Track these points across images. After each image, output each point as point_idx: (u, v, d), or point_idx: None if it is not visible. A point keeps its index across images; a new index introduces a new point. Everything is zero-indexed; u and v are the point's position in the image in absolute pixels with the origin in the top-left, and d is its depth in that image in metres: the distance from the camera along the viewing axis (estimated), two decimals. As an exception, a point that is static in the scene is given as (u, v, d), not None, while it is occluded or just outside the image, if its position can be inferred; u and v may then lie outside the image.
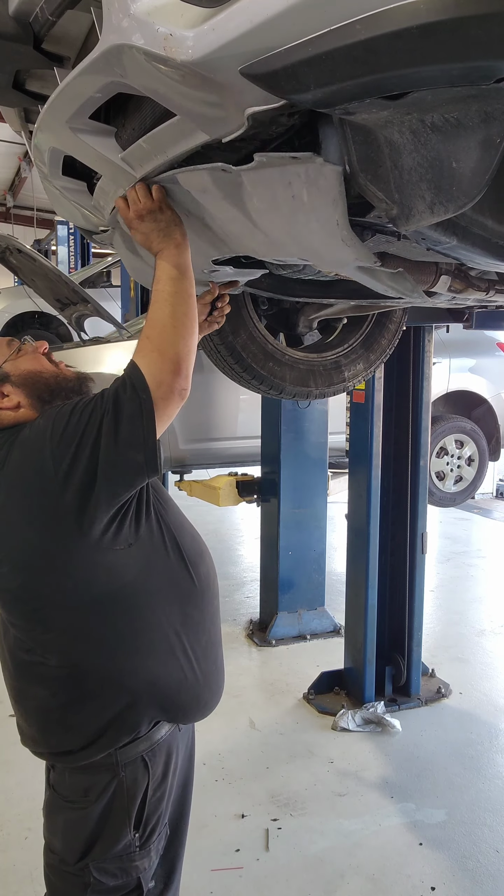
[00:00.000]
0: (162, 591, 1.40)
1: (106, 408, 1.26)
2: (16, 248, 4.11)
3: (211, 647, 1.48)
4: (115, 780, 1.38)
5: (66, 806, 1.41)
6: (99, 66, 0.99)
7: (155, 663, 1.38)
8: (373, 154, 0.92)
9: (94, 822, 1.38)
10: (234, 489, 4.39)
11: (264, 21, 0.75)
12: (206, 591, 1.48)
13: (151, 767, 1.41)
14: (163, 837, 1.48)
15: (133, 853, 1.40)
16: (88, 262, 10.24)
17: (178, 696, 1.42)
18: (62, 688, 1.37)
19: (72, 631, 1.35)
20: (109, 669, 1.36)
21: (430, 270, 1.64)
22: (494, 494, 8.63)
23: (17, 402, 1.39)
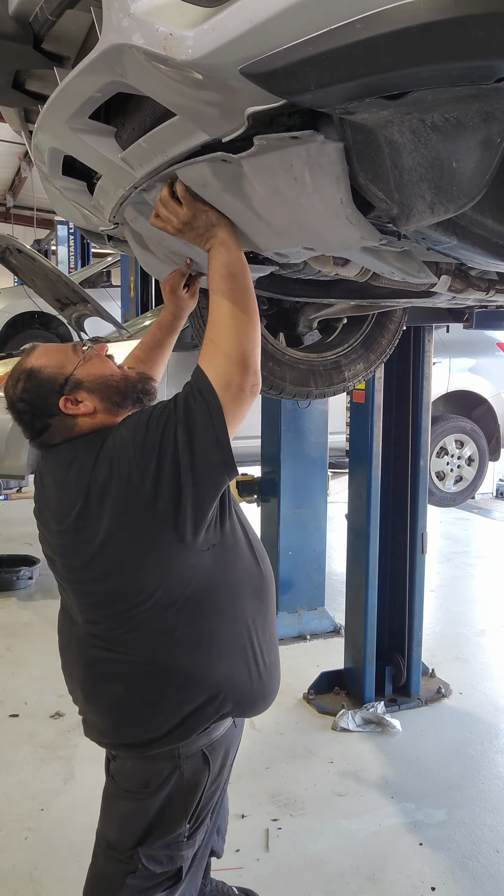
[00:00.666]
0: (242, 588, 1.45)
1: (178, 418, 1.29)
2: (16, 248, 4.11)
3: (273, 639, 1.53)
4: (176, 772, 1.41)
5: (126, 795, 1.45)
6: (99, 66, 0.99)
7: (232, 658, 1.43)
8: (373, 154, 0.91)
9: (153, 814, 1.41)
10: (234, 489, 4.39)
11: (264, 21, 0.75)
12: (271, 586, 1.54)
13: (211, 761, 1.45)
14: (205, 828, 1.52)
15: (182, 843, 1.45)
16: (88, 262, 10.24)
17: (250, 689, 1.47)
18: (143, 684, 1.40)
19: (159, 631, 1.38)
20: (193, 667, 1.40)
21: (429, 270, 1.64)
22: (494, 494, 8.62)
23: (92, 407, 1.42)
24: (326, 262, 1.55)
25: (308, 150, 0.93)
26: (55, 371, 1.43)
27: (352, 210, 0.97)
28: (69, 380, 1.42)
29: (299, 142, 0.92)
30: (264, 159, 1.00)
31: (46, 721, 3.20)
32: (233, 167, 1.06)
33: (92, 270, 7.57)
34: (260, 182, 1.06)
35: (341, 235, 1.05)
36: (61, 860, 2.36)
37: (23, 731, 3.10)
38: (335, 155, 0.92)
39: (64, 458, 1.42)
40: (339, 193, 0.96)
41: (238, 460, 1.30)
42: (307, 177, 0.97)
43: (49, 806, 2.64)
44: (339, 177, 0.94)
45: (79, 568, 1.42)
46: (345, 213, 0.98)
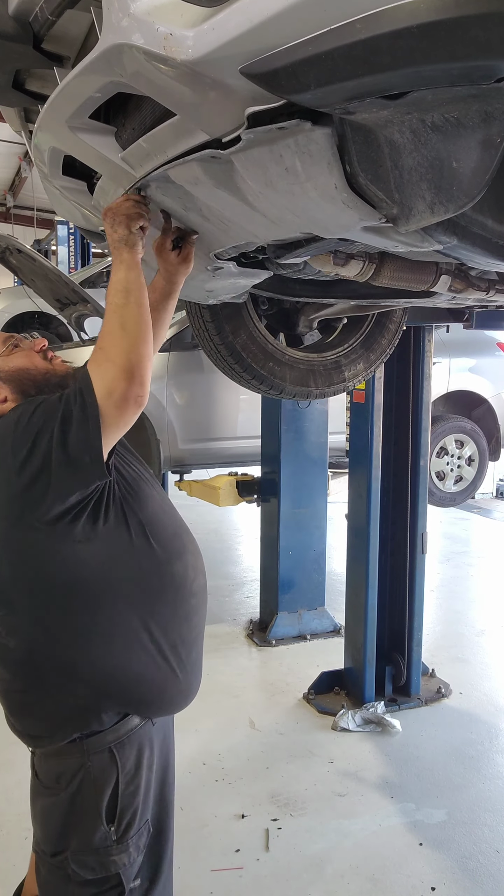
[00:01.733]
0: (125, 587, 1.43)
1: (58, 414, 1.33)
2: (16, 248, 4.11)
3: (182, 644, 1.50)
4: (83, 769, 1.41)
5: (44, 791, 1.47)
6: (99, 66, 0.99)
7: (114, 657, 1.42)
8: (373, 154, 0.91)
9: (65, 810, 1.42)
10: (234, 489, 4.39)
11: (264, 20, 0.75)
12: (181, 589, 1.51)
13: (120, 760, 1.44)
14: (143, 834, 1.49)
15: (109, 847, 1.43)
16: (88, 262, 10.24)
17: (138, 690, 1.45)
18: (21, 671, 1.43)
19: (33, 617, 1.40)
20: (66, 659, 1.40)
21: (430, 270, 1.64)
22: (494, 494, 8.63)
23: (3, 396, 1.47)
24: (326, 261, 1.55)
25: (296, 140, 0.93)
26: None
27: (347, 194, 0.96)
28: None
29: (286, 132, 0.92)
30: (253, 153, 0.99)
31: (46, 721, 3.20)
32: (223, 163, 1.06)
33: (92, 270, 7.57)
34: (251, 176, 1.05)
35: (340, 219, 1.04)
36: (61, 860, 2.36)
37: (23, 731, 3.13)
38: (324, 141, 0.91)
39: None
40: (333, 179, 0.95)
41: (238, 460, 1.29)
42: (298, 166, 0.97)
43: (49, 806, 2.64)
44: (331, 162, 0.93)
45: None
46: (340, 198, 0.97)
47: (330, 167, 0.93)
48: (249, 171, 1.04)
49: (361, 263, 1.58)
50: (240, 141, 0.96)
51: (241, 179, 1.08)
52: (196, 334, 2.46)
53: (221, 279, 1.72)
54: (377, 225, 1.01)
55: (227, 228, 1.34)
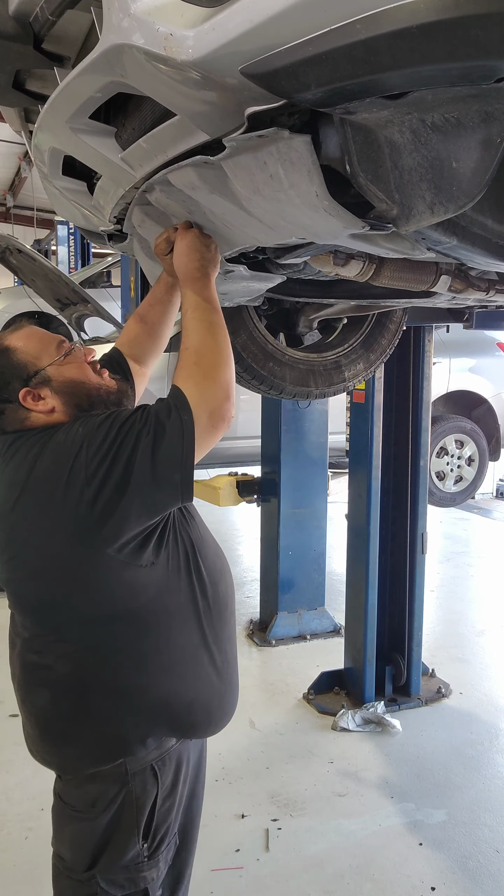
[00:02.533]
0: (179, 611, 1.37)
1: (146, 427, 1.24)
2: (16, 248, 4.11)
3: (227, 665, 1.45)
4: (124, 790, 1.35)
5: (74, 816, 1.38)
6: (99, 66, 0.99)
7: (168, 683, 1.36)
8: (373, 154, 0.91)
9: (102, 833, 1.35)
10: (234, 489, 4.39)
11: (264, 20, 0.75)
12: (224, 611, 1.46)
13: (161, 777, 1.38)
14: (171, 847, 1.45)
15: (141, 863, 1.38)
16: (88, 262, 10.24)
17: (189, 715, 1.40)
18: (66, 696, 1.34)
19: (86, 644, 1.32)
20: (119, 686, 1.33)
21: (430, 271, 1.64)
22: (494, 494, 8.63)
23: (52, 406, 1.37)
24: (326, 262, 1.55)
25: (277, 147, 0.93)
26: (29, 358, 1.37)
27: (328, 202, 0.96)
28: (39, 373, 1.36)
29: (267, 140, 0.92)
30: (240, 160, 1.00)
31: (46, 721, 3.20)
32: (216, 169, 1.06)
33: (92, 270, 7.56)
34: (240, 182, 1.06)
35: (325, 227, 1.05)
36: (61, 860, 2.36)
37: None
38: (303, 149, 0.91)
39: (10, 450, 1.36)
40: (314, 187, 0.95)
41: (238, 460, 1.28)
42: (281, 173, 0.97)
43: (49, 806, 2.63)
44: (311, 170, 0.93)
45: (9, 567, 1.36)
46: (322, 206, 0.97)
47: (310, 175, 0.94)
48: (238, 176, 1.05)
49: (361, 263, 1.58)
50: (226, 148, 0.97)
51: (233, 185, 1.09)
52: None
53: (234, 282, 1.72)
54: (362, 233, 1.02)
55: (230, 232, 1.34)
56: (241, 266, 1.60)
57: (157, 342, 1.72)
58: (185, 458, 1.23)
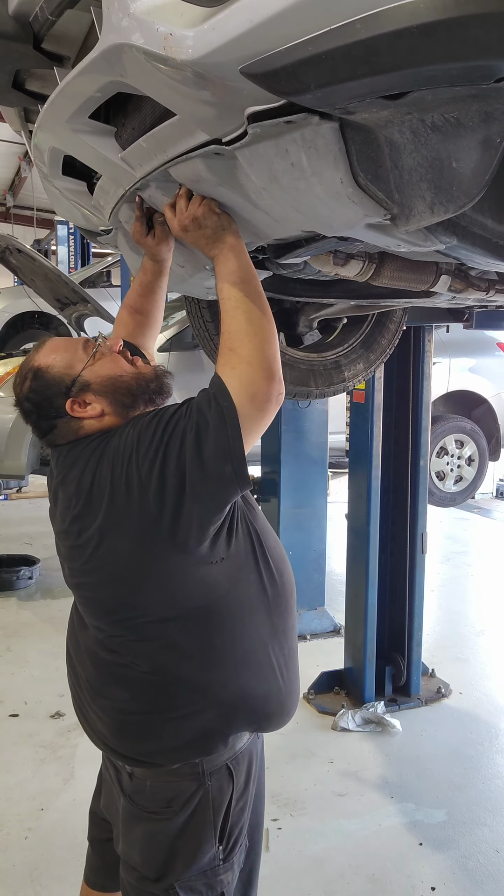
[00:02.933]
0: (253, 602, 1.37)
1: (190, 422, 1.22)
2: (16, 248, 4.11)
3: (292, 654, 1.45)
4: (202, 789, 1.33)
5: (147, 817, 1.36)
6: (99, 66, 0.99)
7: (245, 675, 1.35)
8: (373, 154, 0.91)
9: (176, 835, 1.33)
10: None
11: (264, 20, 0.75)
12: (291, 598, 1.46)
13: (235, 776, 1.37)
14: (243, 849, 1.42)
15: (217, 867, 1.35)
16: (88, 262, 10.24)
17: (265, 707, 1.39)
18: (147, 693, 1.34)
19: (165, 642, 1.32)
20: (200, 681, 1.33)
21: (430, 270, 1.64)
22: (494, 494, 8.62)
23: (100, 409, 1.36)
24: (326, 261, 1.55)
25: (303, 134, 0.92)
26: (63, 371, 1.36)
27: (353, 189, 0.95)
28: (76, 381, 1.35)
29: (294, 126, 0.91)
30: (258, 148, 0.99)
31: (46, 721, 3.20)
32: (226, 160, 1.05)
33: (92, 270, 7.56)
34: (256, 171, 1.05)
35: (344, 216, 1.04)
36: (61, 860, 2.36)
37: (23, 731, 3.09)
38: (331, 135, 0.91)
39: (69, 459, 1.37)
40: (339, 173, 0.94)
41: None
42: (304, 161, 0.96)
43: (49, 806, 2.64)
44: (337, 157, 0.92)
45: (80, 572, 1.37)
46: (346, 193, 0.97)
47: (336, 162, 0.93)
48: (254, 166, 1.04)
49: (361, 263, 1.58)
50: (245, 136, 0.96)
51: (245, 176, 1.08)
52: (196, 334, 2.46)
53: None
54: (380, 222, 1.01)
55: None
56: None
57: (154, 327, 1.70)
58: (232, 447, 1.20)
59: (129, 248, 1.69)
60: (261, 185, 1.08)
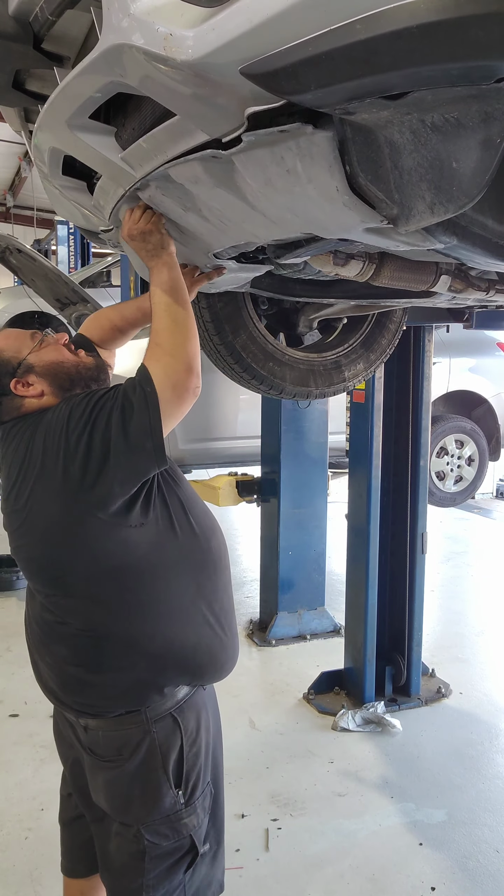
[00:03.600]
0: (176, 564, 1.49)
1: (116, 403, 1.38)
2: (16, 248, 4.11)
3: (224, 613, 1.57)
4: (148, 737, 1.45)
5: (104, 765, 1.49)
6: (99, 66, 0.99)
7: (171, 629, 1.47)
8: (373, 154, 0.91)
9: (132, 779, 1.45)
10: (234, 489, 4.39)
11: (264, 21, 0.75)
12: (219, 562, 1.58)
13: (182, 724, 1.48)
14: (207, 795, 1.54)
15: (180, 811, 1.47)
16: (88, 262, 10.23)
17: (195, 658, 1.50)
18: (82, 648, 1.47)
19: (91, 598, 1.45)
20: (127, 634, 1.45)
21: (430, 270, 1.64)
22: (494, 494, 8.63)
23: (40, 390, 1.52)
24: (326, 262, 1.55)
25: (297, 143, 0.92)
26: (11, 354, 1.53)
27: (348, 196, 0.96)
28: (22, 363, 1.52)
29: (288, 135, 0.91)
30: (254, 154, 0.99)
31: (46, 721, 3.19)
32: (224, 163, 1.06)
33: (92, 270, 7.56)
34: (252, 176, 1.05)
35: (341, 220, 1.04)
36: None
37: (23, 731, 3.09)
38: (325, 144, 0.91)
39: (11, 434, 1.53)
40: (334, 181, 0.95)
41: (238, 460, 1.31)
42: (299, 168, 0.97)
43: (49, 806, 2.64)
44: (332, 165, 0.93)
45: (17, 535, 1.50)
46: (341, 200, 0.97)
47: (331, 169, 0.93)
48: (250, 171, 1.04)
49: (361, 263, 1.58)
50: (241, 142, 0.96)
51: (242, 179, 1.08)
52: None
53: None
54: (378, 226, 1.01)
55: (227, 228, 1.34)
56: (231, 262, 1.60)
57: (126, 338, 1.85)
58: (153, 427, 1.37)
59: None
60: (258, 189, 1.08)
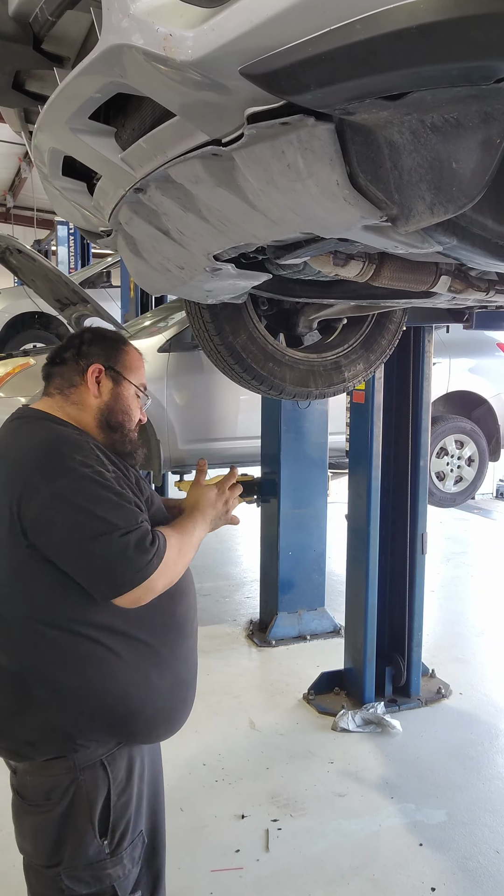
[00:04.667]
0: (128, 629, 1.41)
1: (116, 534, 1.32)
2: (16, 248, 4.11)
3: (177, 685, 1.48)
4: (74, 784, 1.39)
5: (31, 810, 1.43)
6: (98, 67, 0.99)
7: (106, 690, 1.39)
8: (373, 154, 0.91)
9: (58, 826, 1.39)
10: (234, 489, 4.38)
11: (264, 21, 0.75)
12: (182, 629, 1.50)
13: (112, 772, 1.42)
14: (138, 846, 1.48)
15: (104, 860, 1.41)
16: (88, 262, 10.24)
17: (125, 724, 1.42)
18: (9, 688, 1.40)
19: (27, 639, 1.38)
20: (57, 683, 1.38)
21: (429, 271, 1.64)
22: (494, 494, 8.63)
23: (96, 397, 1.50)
24: (326, 262, 1.55)
25: (299, 136, 0.92)
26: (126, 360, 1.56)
27: (349, 190, 0.96)
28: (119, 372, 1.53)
29: (289, 127, 0.91)
30: (255, 149, 0.99)
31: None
32: (224, 161, 1.05)
33: (92, 270, 7.57)
34: (252, 173, 1.05)
35: (340, 217, 1.04)
36: (61, 861, 2.36)
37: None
38: (327, 137, 0.91)
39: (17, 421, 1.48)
40: (335, 175, 0.95)
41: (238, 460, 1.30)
42: (300, 162, 0.96)
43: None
44: (333, 158, 0.93)
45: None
46: (342, 195, 0.97)
47: (332, 163, 0.93)
48: (251, 167, 1.04)
49: (361, 264, 1.58)
50: (242, 137, 0.96)
51: (242, 177, 1.08)
52: (196, 335, 2.45)
53: (220, 280, 1.72)
54: (378, 224, 1.01)
55: (227, 229, 1.34)
56: (230, 264, 1.59)
57: None
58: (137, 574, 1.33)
59: (128, 251, 1.69)
60: (258, 187, 1.08)
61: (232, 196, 1.16)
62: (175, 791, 2.62)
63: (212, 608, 4.77)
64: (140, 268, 1.72)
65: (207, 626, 4.40)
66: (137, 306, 6.55)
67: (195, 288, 1.83)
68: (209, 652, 4.01)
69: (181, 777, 2.86)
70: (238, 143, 0.98)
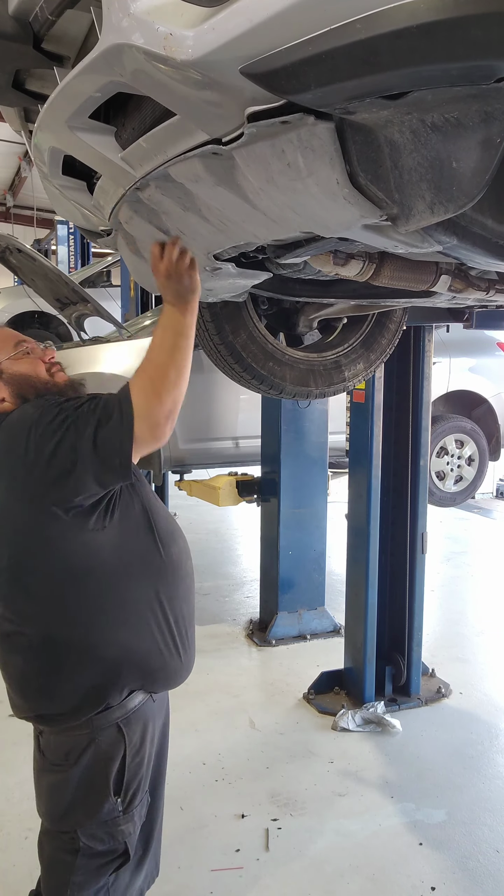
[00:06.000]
0: (134, 569, 1.52)
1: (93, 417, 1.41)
2: (16, 248, 4.11)
3: (181, 622, 1.58)
4: (92, 744, 1.49)
5: (51, 769, 1.53)
6: (98, 66, 0.99)
7: (127, 635, 1.50)
8: (373, 154, 0.91)
9: (76, 785, 1.49)
10: (234, 489, 4.39)
11: (264, 20, 0.75)
12: (178, 569, 1.60)
13: (127, 734, 1.51)
14: (144, 804, 1.57)
15: (118, 818, 1.51)
16: (88, 262, 10.24)
17: (147, 664, 1.53)
18: (37, 656, 1.48)
19: (51, 602, 1.47)
20: (84, 640, 1.47)
21: (430, 270, 1.64)
22: (494, 494, 8.63)
23: (1, 396, 1.54)
24: (326, 261, 1.55)
25: (299, 134, 0.92)
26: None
27: (349, 189, 0.96)
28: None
29: (290, 126, 0.91)
30: (255, 148, 0.99)
31: (46, 721, 3.20)
32: (224, 160, 1.05)
33: (92, 270, 7.57)
34: (252, 172, 1.05)
35: (340, 216, 1.04)
36: (61, 860, 2.36)
37: (22, 730, 3.10)
38: (326, 135, 0.91)
39: None
40: (335, 174, 0.95)
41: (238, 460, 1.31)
42: (300, 161, 0.96)
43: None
44: (333, 157, 0.93)
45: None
46: (342, 194, 0.97)
47: (332, 162, 0.93)
48: (251, 166, 1.04)
49: (361, 263, 1.58)
50: (242, 136, 0.96)
51: (242, 176, 1.08)
52: (196, 334, 2.45)
53: (220, 279, 1.72)
54: (378, 223, 1.01)
55: (227, 228, 1.34)
56: (230, 264, 1.59)
57: None
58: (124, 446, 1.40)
59: (128, 251, 1.69)
60: (258, 186, 1.08)
61: (232, 195, 1.16)
62: (175, 790, 2.62)
63: (212, 607, 4.77)
64: (140, 267, 1.72)
65: (207, 626, 4.40)
66: (137, 305, 6.55)
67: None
68: (209, 651, 4.01)
69: (181, 776, 2.86)
70: (238, 142, 0.98)
